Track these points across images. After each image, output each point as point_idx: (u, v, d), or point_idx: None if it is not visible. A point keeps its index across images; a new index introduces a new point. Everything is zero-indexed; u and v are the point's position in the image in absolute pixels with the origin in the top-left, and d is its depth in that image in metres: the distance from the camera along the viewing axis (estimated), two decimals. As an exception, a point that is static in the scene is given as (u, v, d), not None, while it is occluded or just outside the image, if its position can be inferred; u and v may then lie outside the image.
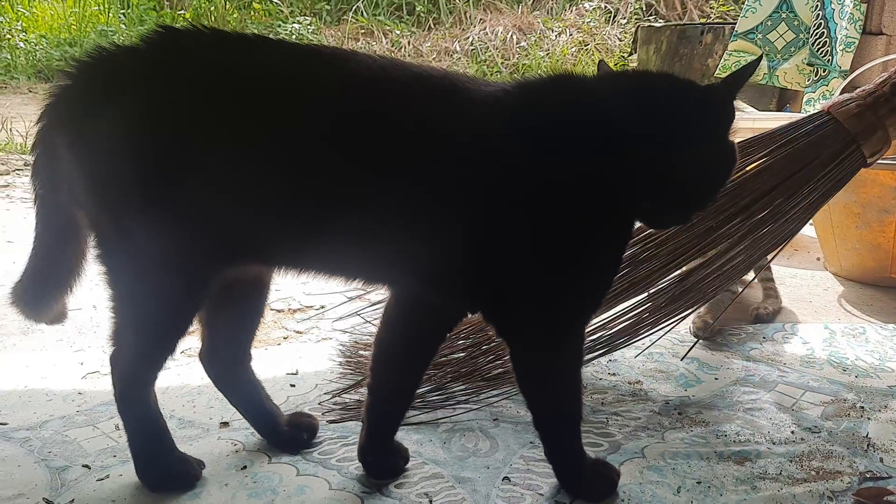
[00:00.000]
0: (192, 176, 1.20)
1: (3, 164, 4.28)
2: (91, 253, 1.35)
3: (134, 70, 1.24)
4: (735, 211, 1.74)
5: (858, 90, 1.84)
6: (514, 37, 8.68)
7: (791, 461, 1.52)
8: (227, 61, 1.24)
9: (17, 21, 8.82)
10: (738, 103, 3.36)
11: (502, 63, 8.49)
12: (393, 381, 1.46)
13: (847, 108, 1.79)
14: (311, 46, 1.36)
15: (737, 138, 1.91)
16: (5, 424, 1.60)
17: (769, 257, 1.84)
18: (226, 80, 1.22)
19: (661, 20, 8.67)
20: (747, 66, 1.28)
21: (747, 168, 1.76)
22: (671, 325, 1.84)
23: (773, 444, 1.59)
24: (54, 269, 1.38)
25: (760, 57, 1.56)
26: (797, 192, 1.74)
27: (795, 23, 3.96)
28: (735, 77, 1.28)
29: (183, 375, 1.83)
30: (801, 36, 3.93)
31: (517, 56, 8.54)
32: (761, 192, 1.72)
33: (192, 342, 2.04)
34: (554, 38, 8.66)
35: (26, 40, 8.50)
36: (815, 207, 1.80)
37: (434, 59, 8.54)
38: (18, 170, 4.18)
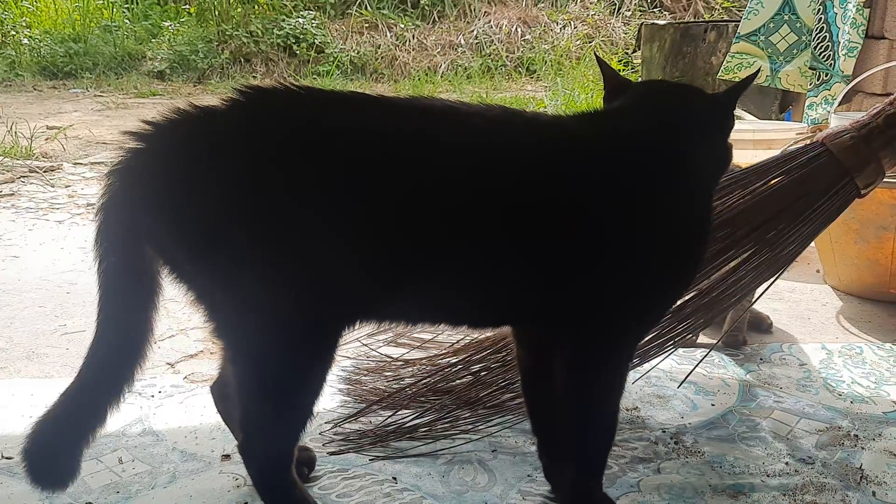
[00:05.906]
0: (311, 240, 1.21)
1: (7, 170, 4.19)
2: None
3: (231, 131, 1.23)
4: (730, 243, 1.75)
5: (851, 121, 1.83)
6: (519, 30, 8.67)
7: (784, 495, 1.54)
8: (329, 117, 1.25)
9: (22, 17, 8.83)
10: (737, 111, 3.35)
11: (507, 56, 8.48)
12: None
13: (841, 140, 1.79)
14: (394, 99, 1.33)
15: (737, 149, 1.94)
16: (10, 459, 1.62)
17: (766, 285, 1.85)
18: (334, 138, 1.22)
19: (665, 12, 8.65)
20: (745, 80, 1.42)
21: (741, 200, 1.76)
22: (674, 349, 1.87)
23: (768, 476, 1.61)
24: (135, 326, 1.32)
25: (756, 73, 1.58)
26: (792, 223, 1.75)
27: (798, 25, 3.94)
28: (735, 88, 1.41)
29: (186, 404, 1.85)
30: (804, 38, 3.92)
31: (522, 49, 8.53)
32: (755, 225, 1.73)
33: (194, 366, 2.07)
34: (559, 31, 8.64)
35: (30, 36, 8.51)
36: (810, 237, 1.81)
37: (439, 52, 8.53)
38: (24, 177, 4.10)
